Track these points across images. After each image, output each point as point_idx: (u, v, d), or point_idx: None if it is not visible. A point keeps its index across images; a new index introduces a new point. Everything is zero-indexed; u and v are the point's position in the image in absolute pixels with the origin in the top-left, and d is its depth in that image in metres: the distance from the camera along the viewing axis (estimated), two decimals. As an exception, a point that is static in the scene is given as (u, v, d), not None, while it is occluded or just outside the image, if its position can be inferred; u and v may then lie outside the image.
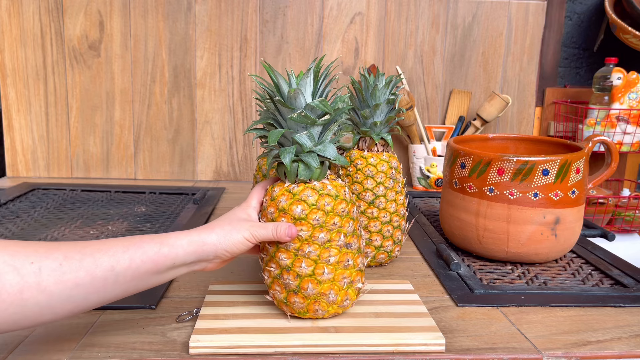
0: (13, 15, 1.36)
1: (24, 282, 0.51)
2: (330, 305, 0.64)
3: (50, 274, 0.52)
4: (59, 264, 0.53)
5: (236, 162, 1.46)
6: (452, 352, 0.62)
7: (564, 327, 0.69)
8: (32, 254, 0.52)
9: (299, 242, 0.62)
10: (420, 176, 1.42)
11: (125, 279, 0.56)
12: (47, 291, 0.52)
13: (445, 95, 1.48)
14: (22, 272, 0.51)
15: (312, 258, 0.62)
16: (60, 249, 0.54)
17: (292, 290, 0.63)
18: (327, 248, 0.62)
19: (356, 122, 0.87)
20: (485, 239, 0.86)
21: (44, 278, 0.52)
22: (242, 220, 0.64)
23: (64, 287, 0.53)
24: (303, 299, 0.63)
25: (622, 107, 1.34)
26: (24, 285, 0.51)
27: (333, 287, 0.63)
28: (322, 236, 0.62)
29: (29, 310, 0.52)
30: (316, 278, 0.62)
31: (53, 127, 1.41)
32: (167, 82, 1.41)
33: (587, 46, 1.56)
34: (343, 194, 0.65)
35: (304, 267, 0.62)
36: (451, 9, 1.43)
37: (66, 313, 0.54)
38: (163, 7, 1.38)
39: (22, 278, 0.51)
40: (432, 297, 0.77)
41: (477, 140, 1.02)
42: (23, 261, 0.51)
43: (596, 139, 0.89)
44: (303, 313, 0.64)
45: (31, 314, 0.52)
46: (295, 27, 1.41)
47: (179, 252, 0.59)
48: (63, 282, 0.53)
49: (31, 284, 0.51)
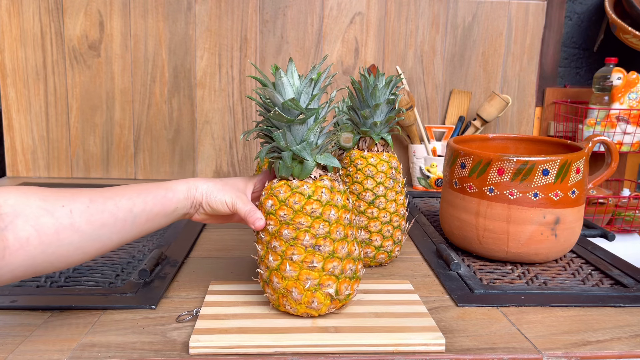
0: (13, 15, 1.36)
1: (59, 223, 0.56)
2: (297, 303, 0.64)
3: (81, 215, 0.58)
4: (87, 206, 0.58)
5: (236, 162, 1.46)
6: (452, 352, 0.62)
7: (564, 327, 0.69)
8: (62, 198, 0.57)
9: (269, 235, 0.65)
10: (420, 176, 1.42)
11: (140, 220, 0.63)
12: (80, 231, 0.58)
13: (445, 95, 1.48)
14: (55, 214, 0.56)
15: (278, 253, 0.64)
16: (84, 193, 0.60)
17: (264, 281, 0.66)
18: (292, 245, 0.63)
19: (356, 122, 0.87)
20: (485, 239, 0.86)
21: (75, 219, 0.57)
22: (236, 189, 0.69)
23: (94, 227, 0.59)
24: (272, 291, 0.66)
25: (622, 107, 1.34)
26: (59, 226, 0.56)
27: (297, 285, 0.64)
28: (287, 233, 0.64)
29: (64, 249, 0.57)
30: (281, 273, 0.64)
31: (53, 127, 1.41)
32: (167, 82, 1.41)
33: (587, 46, 1.56)
34: (320, 196, 0.65)
35: (271, 261, 0.65)
36: (451, 9, 1.43)
37: (93, 252, 0.60)
38: (163, 7, 1.38)
39: (57, 220, 0.56)
40: (432, 297, 0.77)
41: (477, 140, 1.02)
42: (54, 204, 0.56)
43: (596, 139, 0.89)
44: (276, 305, 0.67)
45: (66, 253, 0.57)
46: (295, 27, 1.41)
47: (179, 197, 0.66)
48: (92, 222, 0.58)
49: (66, 225, 0.56)
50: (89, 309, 0.69)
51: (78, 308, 0.69)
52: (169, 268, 0.83)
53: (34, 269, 0.56)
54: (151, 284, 0.77)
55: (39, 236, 0.55)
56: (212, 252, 0.93)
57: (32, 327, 0.65)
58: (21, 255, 0.54)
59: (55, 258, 0.57)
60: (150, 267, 0.79)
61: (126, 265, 0.84)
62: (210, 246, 0.96)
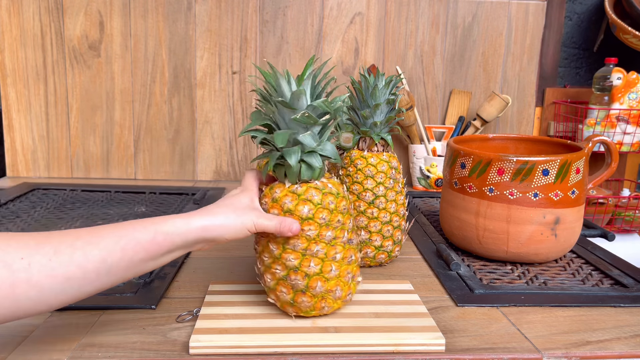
0: (13, 15, 1.36)
1: (15, 277, 0.51)
2: (335, 301, 0.65)
3: (40, 270, 0.52)
4: (49, 259, 0.53)
5: (236, 162, 1.46)
6: (452, 352, 0.62)
7: (564, 327, 0.69)
8: (23, 249, 0.53)
9: (306, 241, 0.62)
10: (420, 176, 1.42)
11: (118, 269, 0.56)
12: (38, 286, 0.52)
13: (445, 95, 1.48)
14: (12, 267, 0.51)
15: (320, 256, 0.63)
16: (52, 241, 0.54)
17: (300, 290, 0.63)
18: (333, 246, 0.63)
19: (356, 122, 0.87)
20: (485, 239, 0.86)
21: (34, 273, 0.52)
22: (247, 207, 0.63)
23: (55, 282, 0.53)
24: (311, 298, 0.63)
25: (622, 107, 1.34)
26: (15, 280, 0.51)
27: (339, 283, 0.64)
28: (329, 234, 0.63)
29: (22, 303, 0.52)
30: (324, 276, 0.63)
31: (53, 127, 1.41)
32: (167, 82, 1.41)
33: (587, 46, 1.56)
34: (342, 192, 0.66)
35: (313, 266, 0.62)
36: (451, 9, 1.43)
37: (60, 304, 0.55)
38: (163, 7, 1.38)
39: (13, 274, 0.51)
40: (432, 297, 0.77)
41: (477, 140, 1.02)
42: (14, 256, 0.52)
43: (596, 139, 0.89)
44: (309, 311, 0.64)
45: (25, 306, 0.53)
46: (295, 27, 1.41)
47: (175, 240, 0.59)
48: (53, 276, 0.53)
49: (22, 279, 0.51)
50: (89, 309, 0.69)
51: (78, 308, 0.69)
52: (169, 268, 0.83)
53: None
54: (151, 284, 0.77)
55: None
56: (212, 252, 0.93)
57: (32, 327, 0.65)
58: None
59: (12, 311, 0.52)
60: (150, 267, 0.79)
61: (126, 265, 0.84)
62: (210, 246, 0.96)
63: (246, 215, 0.61)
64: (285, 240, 0.63)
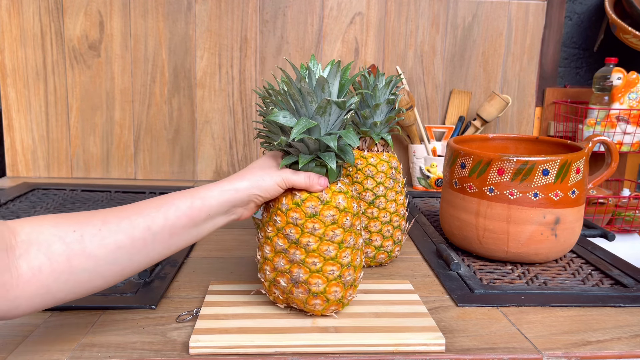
0: (13, 15, 1.36)
1: (70, 249, 0.54)
2: (332, 302, 0.65)
3: (92, 240, 0.55)
4: (99, 229, 0.56)
5: (236, 162, 1.46)
6: (452, 352, 0.62)
7: (564, 327, 0.69)
8: (74, 223, 0.56)
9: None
10: (420, 176, 1.42)
11: (163, 237, 0.59)
12: (92, 256, 0.55)
13: (445, 95, 1.48)
14: (66, 240, 0.54)
15: (326, 256, 0.63)
16: (98, 215, 0.57)
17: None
18: (342, 249, 0.64)
19: (356, 122, 0.87)
20: (485, 239, 0.86)
21: (87, 244, 0.55)
22: (274, 167, 0.64)
23: (107, 251, 0.56)
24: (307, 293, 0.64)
25: (622, 107, 1.34)
26: (70, 252, 0.54)
27: (339, 284, 0.64)
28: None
29: (79, 276, 0.55)
30: (325, 275, 0.63)
31: (53, 127, 1.41)
32: (167, 82, 1.41)
33: (587, 46, 1.56)
34: (353, 193, 0.67)
35: (316, 263, 0.63)
36: (451, 9, 1.43)
37: (116, 276, 0.58)
38: (163, 7, 1.38)
39: (68, 246, 0.54)
40: (432, 297, 0.77)
41: (477, 140, 1.02)
42: (66, 230, 0.55)
43: (596, 139, 0.89)
44: (304, 306, 0.65)
45: (82, 280, 0.55)
46: (295, 27, 1.41)
47: (212, 203, 0.61)
48: (105, 245, 0.56)
49: (77, 251, 0.54)
50: (89, 309, 0.69)
51: (78, 308, 0.69)
52: (169, 268, 0.83)
53: (51, 297, 0.55)
54: (151, 284, 0.77)
55: (50, 264, 0.53)
56: (212, 252, 0.93)
57: (32, 327, 0.65)
58: (35, 284, 0.53)
59: (71, 286, 0.55)
60: (150, 267, 0.79)
61: (126, 265, 0.84)
62: (210, 246, 0.96)
63: (273, 172, 0.63)
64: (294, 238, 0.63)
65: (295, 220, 0.63)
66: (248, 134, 1.44)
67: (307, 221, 0.63)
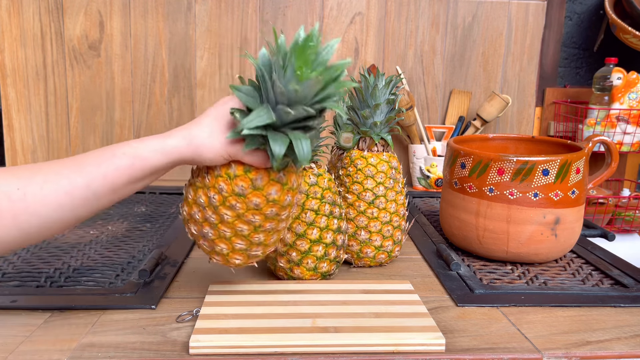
0: (13, 15, 1.36)
1: (15, 207, 0.56)
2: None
3: (34, 198, 0.57)
4: (40, 187, 0.57)
5: (236, 162, 1.46)
6: (452, 352, 0.62)
7: (564, 327, 0.69)
8: (18, 180, 0.57)
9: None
10: (420, 176, 1.42)
11: (104, 193, 0.59)
12: (36, 214, 0.57)
13: (445, 95, 1.48)
14: (12, 198, 0.56)
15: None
16: (41, 172, 0.58)
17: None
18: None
19: (356, 122, 0.87)
20: (485, 239, 0.86)
21: (29, 202, 0.57)
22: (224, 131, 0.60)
23: (50, 209, 0.58)
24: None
25: (622, 107, 1.34)
26: (16, 210, 0.56)
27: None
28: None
29: (27, 231, 0.58)
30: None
31: (53, 127, 1.41)
32: (167, 82, 1.41)
33: (587, 46, 1.56)
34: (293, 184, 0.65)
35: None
36: (451, 9, 1.43)
37: (63, 228, 0.60)
38: (163, 7, 1.38)
39: (13, 204, 0.56)
40: (432, 297, 0.77)
41: (477, 140, 1.02)
42: (11, 187, 0.57)
43: (596, 139, 0.89)
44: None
45: (31, 233, 0.58)
46: (295, 27, 1.41)
47: (154, 164, 0.60)
48: (47, 204, 0.57)
49: (21, 209, 0.57)
50: (89, 309, 0.69)
51: (78, 308, 0.69)
52: (169, 268, 0.83)
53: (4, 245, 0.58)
54: (151, 284, 0.77)
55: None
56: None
57: (32, 327, 0.65)
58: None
59: (21, 236, 0.58)
60: (150, 267, 0.79)
61: (126, 265, 0.84)
62: (210, 246, 0.96)
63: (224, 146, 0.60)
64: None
65: (221, 189, 0.61)
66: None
67: (231, 196, 0.61)
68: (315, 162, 0.80)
